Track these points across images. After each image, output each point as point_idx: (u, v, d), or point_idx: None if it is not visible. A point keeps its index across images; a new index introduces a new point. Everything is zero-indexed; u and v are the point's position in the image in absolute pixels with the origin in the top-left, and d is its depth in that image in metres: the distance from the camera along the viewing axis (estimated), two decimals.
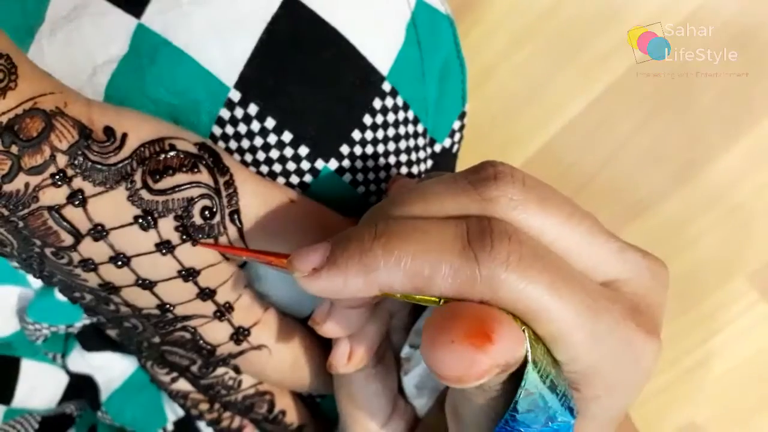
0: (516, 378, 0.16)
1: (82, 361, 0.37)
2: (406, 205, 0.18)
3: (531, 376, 0.16)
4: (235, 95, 0.23)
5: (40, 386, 0.38)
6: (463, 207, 0.18)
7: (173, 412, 0.37)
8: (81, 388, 0.38)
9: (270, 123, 0.23)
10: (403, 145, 0.25)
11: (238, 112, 0.23)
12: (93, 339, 0.36)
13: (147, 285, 0.23)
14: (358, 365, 0.22)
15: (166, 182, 0.22)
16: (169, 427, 0.37)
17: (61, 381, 0.39)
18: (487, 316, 0.16)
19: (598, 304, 0.17)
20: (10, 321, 0.34)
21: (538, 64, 0.46)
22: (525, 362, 0.16)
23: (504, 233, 0.16)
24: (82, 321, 0.34)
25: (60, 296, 0.30)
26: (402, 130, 0.25)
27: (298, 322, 0.28)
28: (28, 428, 0.40)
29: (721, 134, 0.45)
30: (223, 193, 0.22)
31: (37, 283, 0.32)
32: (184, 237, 0.22)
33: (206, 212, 0.22)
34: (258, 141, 0.23)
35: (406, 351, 0.25)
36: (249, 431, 0.34)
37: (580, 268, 0.18)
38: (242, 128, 0.23)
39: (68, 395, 0.39)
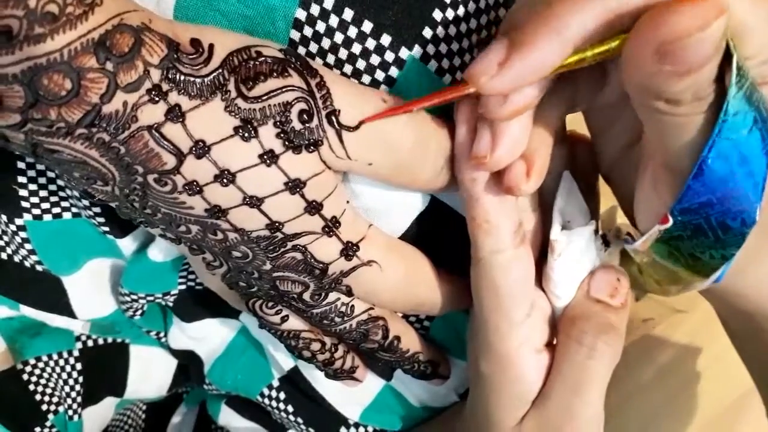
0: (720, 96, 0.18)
1: (182, 335, 0.36)
2: None
3: (734, 73, 0.17)
4: None
5: (150, 373, 0.37)
6: None
7: (278, 369, 0.36)
8: (188, 369, 0.38)
9: (348, 14, 0.22)
10: (484, 19, 0.24)
11: (314, 9, 0.22)
12: (189, 307, 0.35)
13: (254, 203, 0.22)
14: (540, 179, 0.23)
15: (260, 89, 0.21)
16: (275, 383, 0.36)
17: (170, 365, 0.38)
18: None
19: None
20: (108, 299, 0.34)
21: None
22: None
23: None
24: (178, 287, 0.33)
25: (154, 256, 0.30)
26: (482, 2, 0.24)
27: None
28: (137, 412, 0.40)
29: None
30: (317, 95, 0.21)
31: (128, 250, 0.31)
32: (287, 143, 0.21)
33: (304, 115, 0.21)
34: (338, 37, 0.22)
35: (555, 232, 0.24)
36: (361, 372, 0.33)
37: None
38: (320, 26, 0.22)
39: (177, 381, 0.39)
